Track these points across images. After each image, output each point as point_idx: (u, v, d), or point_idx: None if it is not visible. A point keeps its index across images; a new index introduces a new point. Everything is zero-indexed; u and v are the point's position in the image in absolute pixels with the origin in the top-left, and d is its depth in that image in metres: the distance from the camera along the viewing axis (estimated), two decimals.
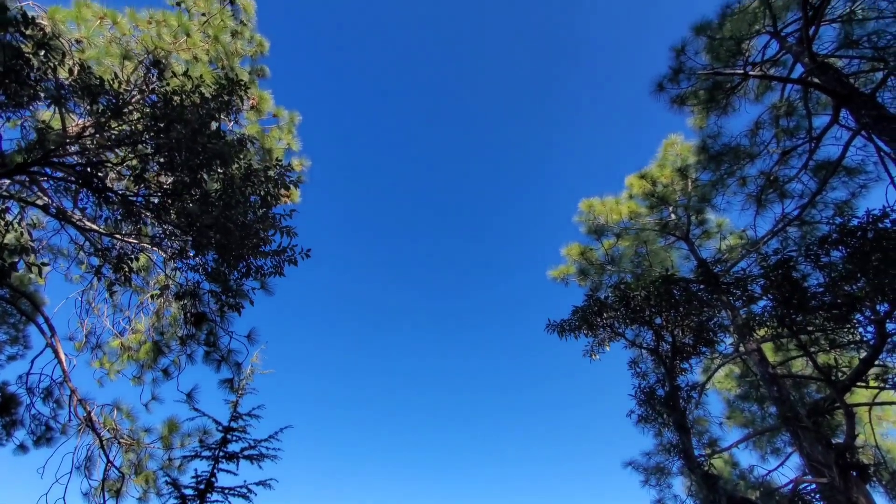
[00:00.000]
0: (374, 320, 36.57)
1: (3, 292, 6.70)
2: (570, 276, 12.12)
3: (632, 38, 28.96)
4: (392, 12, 28.69)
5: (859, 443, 7.62)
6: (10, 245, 5.58)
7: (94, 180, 5.02)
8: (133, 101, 5.41)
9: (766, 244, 8.80)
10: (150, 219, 5.46)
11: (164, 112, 4.74)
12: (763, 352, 8.23)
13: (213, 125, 5.00)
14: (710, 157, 9.46)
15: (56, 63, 4.48)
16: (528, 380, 34.94)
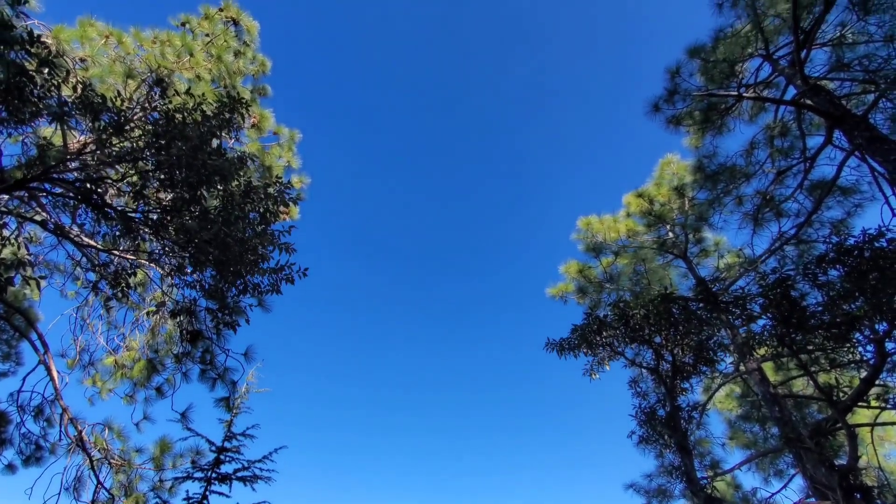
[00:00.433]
0: (370, 335, 36.29)
1: None
2: (569, 293, 12.11)
3: (629, 57, 29.60)
4: (392, 31, 29.32)
5: (862, 464, 7.50)
6: (6, 260, 5.55)
7: (94, 196, 5.02)
8: (135, 118, 5.46)
9: (763, 263, 8.82)
10: (148, 235, 5.45)
11: (166, 129, 4.77)
12: (763, 371, 8.17)
13: (214, 142, 5.04)
14: (707, 177, 9.56)
15: (59, 80, 4.52)
16: (527, 400, 34.55)
